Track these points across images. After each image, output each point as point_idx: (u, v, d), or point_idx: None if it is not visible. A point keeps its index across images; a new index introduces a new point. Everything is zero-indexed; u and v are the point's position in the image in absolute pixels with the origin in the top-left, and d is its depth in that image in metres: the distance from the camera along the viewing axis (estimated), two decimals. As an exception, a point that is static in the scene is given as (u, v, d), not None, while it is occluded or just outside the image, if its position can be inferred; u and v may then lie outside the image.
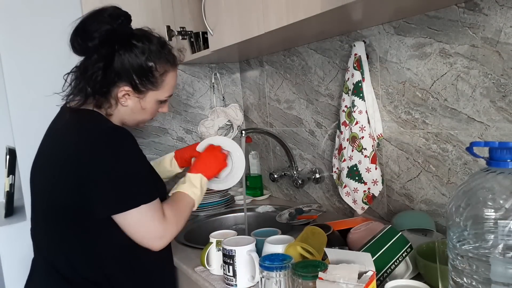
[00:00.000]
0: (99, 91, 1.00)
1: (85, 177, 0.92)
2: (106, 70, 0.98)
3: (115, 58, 0.99)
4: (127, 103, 1.04)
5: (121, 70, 0.99)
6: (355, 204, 1.31)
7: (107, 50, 0.98)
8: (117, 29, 0.99)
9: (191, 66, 1.91)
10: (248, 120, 2.02)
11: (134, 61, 1.00)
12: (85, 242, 0.98)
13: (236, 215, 1.66)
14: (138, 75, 1.01)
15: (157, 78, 1.04)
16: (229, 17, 1.35)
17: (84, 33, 0.98)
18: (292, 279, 0.81)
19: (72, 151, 0.95)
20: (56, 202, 0.98)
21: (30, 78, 1.57)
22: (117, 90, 1.01)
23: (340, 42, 1.40)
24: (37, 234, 1.07)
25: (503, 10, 0.94)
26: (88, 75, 0.99)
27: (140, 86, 1.02)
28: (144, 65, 1.01)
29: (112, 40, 0.98)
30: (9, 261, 1.55)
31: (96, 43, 0.97)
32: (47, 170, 1.01)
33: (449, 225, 0.67)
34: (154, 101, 1.07)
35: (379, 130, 1.28)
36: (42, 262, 1.05)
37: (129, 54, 1.00)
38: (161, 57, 1.04)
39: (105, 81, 0.99)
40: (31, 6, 1.56)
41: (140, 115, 1.09)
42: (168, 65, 1.06)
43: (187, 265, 1.17)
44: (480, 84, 1.01)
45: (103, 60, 0.98)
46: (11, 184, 1.61)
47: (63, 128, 1.03)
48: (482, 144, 0.66)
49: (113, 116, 1.05)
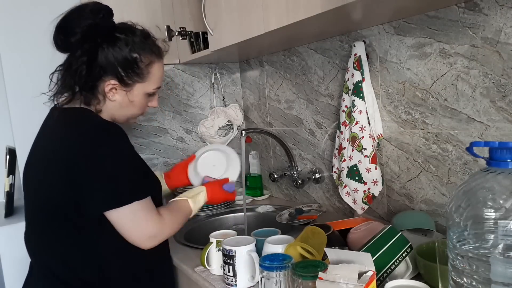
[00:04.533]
0: (85, 86, 0.99)
1: (77, 174, 0.91)
2: (90, 65, 0.97)
3: (99, 52, 0.98)
4: (114, 97, 1.03)
5: (105, 64, 0.98)
6: (355, 204, 1.31)
7: (90, 44, 0.97)
8: (99, 23, 0.97)
9: (191, 66, 1.91)
10: (248, 120, 2.02)
11: (118, 53, 0.99)
12: (80, 243, 0.97)
13: (236, 215, 1.66)
14: (123, 68, 1.00)
15: (143, 69, 1.03)
16: (229, 17, 1.35)
17: (66, 29, 0.97)
18: (292, 279, 0.81)
19: (62, 148, 0.94)
20: (49, 202, 0.97)
21: (30, 78, 1.57)
22: (103, 85, 1.00)
23: (340, 42, 1.40)
24: (31, 237, 1.05)
25: (503, 10, 0.94)
26: (72, 70, 0.98)
27: (126, 79, 1.01)
28: (128, 57, 1.00)
29: (95, 34, 0.97)
30: (9, 261, 1.55)
31: (78, 38, 0.96)
32: (39, 172, 1.00)
33: (449, 225, 0.67)
34: (142, 94, 1.06)
35: (379, 130, 1.28)
36: (39, 265, 1.04)
37: (112, 47, 0.99)
38: (145, 48, 1.03)
39: (90, 75, 0.98)
40: (31, 6, 1.56)
41: (129, 110, 1.07)
42: (153, 56, 1.05)
43: (187, 265, 1.17)
44: (480, 84, 1.01)
45: (87, 54, 0.97)
46: (11, 184, 1.61)
47: (52, 127, 1.02)
48: (482, 144, 0.65)
49: (102, 112, 1.04)
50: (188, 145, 1.93)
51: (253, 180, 1.90)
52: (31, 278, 1.07)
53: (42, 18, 1.58)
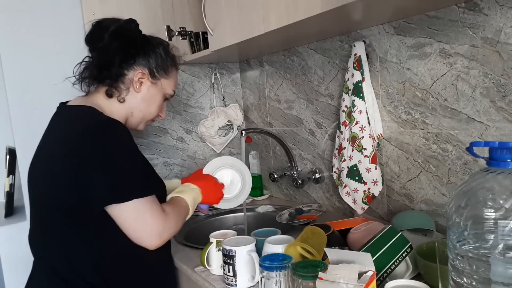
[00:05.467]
0: (115, 74, 1.05)
1: (81, 169, 0.91)
2: (126, 52, 1.06)
3: (135, 45, 1.08)
4: (140, 88, 1.09)
5: (140, 54, 1.08)
6: (355, 204, 1.31)
7: (125, 38, 1.07)
8: (134, 28, 1.10)
9: (191, 66, 1.91)
10: (248, 120, 2.02)
11: (151, 50, 1.10)
12: (84, 243, 0.97)
13: (236, 215, 1.66)
14: (155, 61, 1.10)
15: (168, 67, 1.13)
16: (229, 17, 1.35)
17: (102, 26, 1.07)
18: (292, 279, 0.81)
19: (67, 144, 0.94)
20: (53, 200, 0.97)
21: (30, 78, 1.57)
22: (133, 74, 1.07)
23: (340, 42, 1.40)
24: (36, 237, 1.06)
25: (503, 10, 0.94)
26: (105, 58, 1.05)
27: (155, 71, 1.10)
28: (160, 54, 1.11)
29: (130, 32, 1.08)
30: (9, 261, 1.55)
31: (115, 29, 1.05)
32: (44, 170, 1.01)
33: (449, 225, 0.67)
34: (162, 94, 1.14)
35: (379, 130, 1.28)
36: (42, 264, 1.04)
37: (147, 44, 1.10)
38: (169, 52, 1.15)
39: (123, 62, 1.06)
40: (31, 6, 1.56)
41: (148, 106, 1.12)
42: (175, 60, 1.17)
43: (187, 265, 1.17)
44: (480, 84, 1.01)
45: (122, 46, 1.06)
46: (11, 184, 1.61)
47: (59, 124, 1.03)
48: (482, 144, 0.65)
49: (124, 103, 1.08)
50: (188, 145, 1.93)
51: (253, 180, 1.88)
52: (34, 277, 1.07)
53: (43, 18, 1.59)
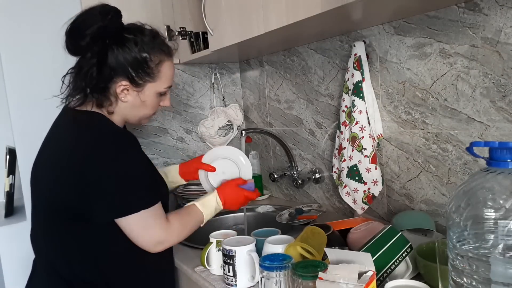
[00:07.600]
0: (96, 88, 0.99)
1: (87, 181, 0.92)
2: (101, 66, 0.98)
3: (109, 53, 0.98)
4: (126, 98, 1.03)
5: (116, 65, 0.99)
6: (355, 204, 1.31)
7: (99, 46, 0.97)
8: (107, 25, 0.97)
9: (191, 66, 1.91)
10: (248, 120, 2.02)
11: (127, 54, 0.99)
12: (85, 244, 0.98)
13: (236, 215, 1.65)
14: (133, 68, 1.00)
15: (153, 68, 1.03)
16: (229, 17, 1.35)
17: (75, 33, 0.98)
18: (292, 279, 0.81)
19: (74, 154, 0.94)
20: (57, 204, 0.98)
21: (30, 78, 1.57)
22: (115, 86, 1.00)
23: (340, 42, 1.40)
24: (37, 236, 1.06)
25: (503, 10, 0.94)
26: (83, 73, 0.98)
27: (137, 79, 1.01)
28: (138, 57, 1.00)
29: (104, 36, 0.98)
30: (9, 261, 1.55)
31: (88, 41, 0.96)
32: (48, 171, 1.01)
33: (449, 225, 0.67)
34: (154, 93, 1.06)
35: (379, 130, 1.28)
36: (43, 263, 1.04)
37: (122, 48, 0.99)
38: (155, 47, 1.03)
39: (101, 77, 0.99)
40: (31, 5, 1.56)
41: (141, 110, 1.07)
42: (162, 55, 1.05)
43: (187, 265, 1.17)
44: (480, 84, 1.01)
45: (97, 56, 0.98)
46: (11, 184, 1.61)
47: (65, 129, 1.02)
48: (482, 144, 0.65)
49: (115, 114, 1.04)
50: (188, 145, 1.93)
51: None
52: (35, 275, 1.07)
53: (43, 18, 1.59)
